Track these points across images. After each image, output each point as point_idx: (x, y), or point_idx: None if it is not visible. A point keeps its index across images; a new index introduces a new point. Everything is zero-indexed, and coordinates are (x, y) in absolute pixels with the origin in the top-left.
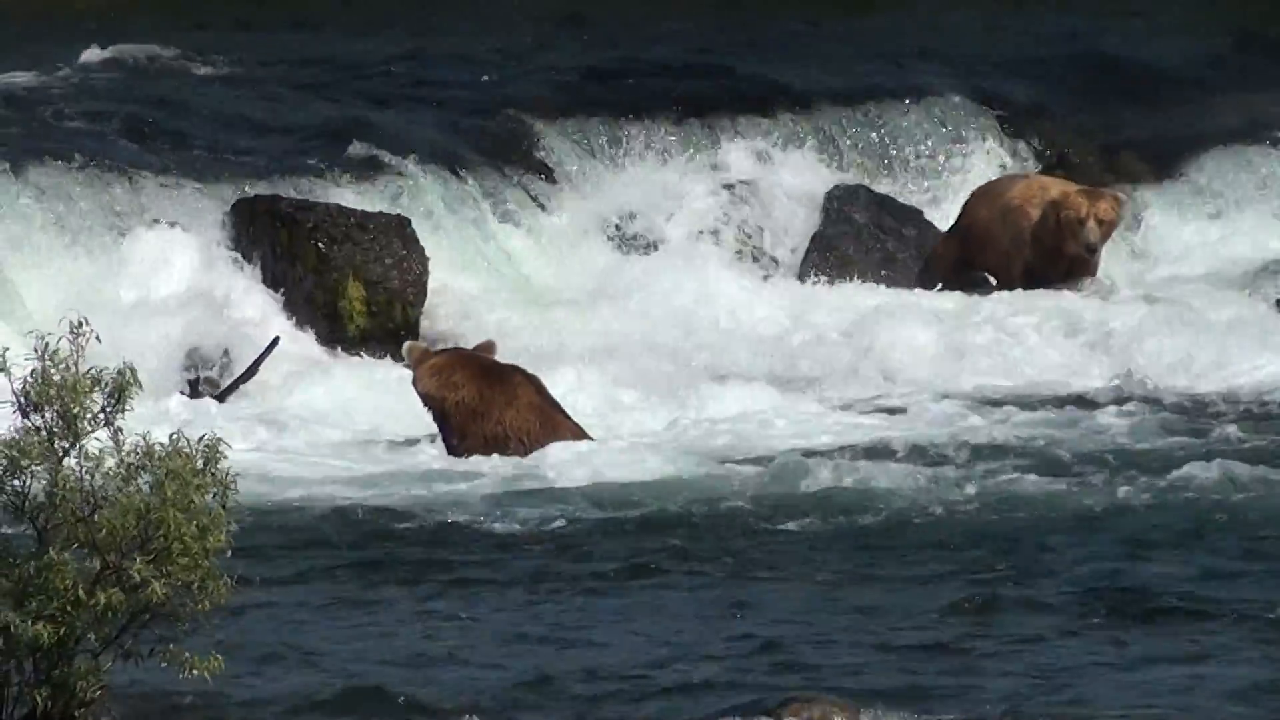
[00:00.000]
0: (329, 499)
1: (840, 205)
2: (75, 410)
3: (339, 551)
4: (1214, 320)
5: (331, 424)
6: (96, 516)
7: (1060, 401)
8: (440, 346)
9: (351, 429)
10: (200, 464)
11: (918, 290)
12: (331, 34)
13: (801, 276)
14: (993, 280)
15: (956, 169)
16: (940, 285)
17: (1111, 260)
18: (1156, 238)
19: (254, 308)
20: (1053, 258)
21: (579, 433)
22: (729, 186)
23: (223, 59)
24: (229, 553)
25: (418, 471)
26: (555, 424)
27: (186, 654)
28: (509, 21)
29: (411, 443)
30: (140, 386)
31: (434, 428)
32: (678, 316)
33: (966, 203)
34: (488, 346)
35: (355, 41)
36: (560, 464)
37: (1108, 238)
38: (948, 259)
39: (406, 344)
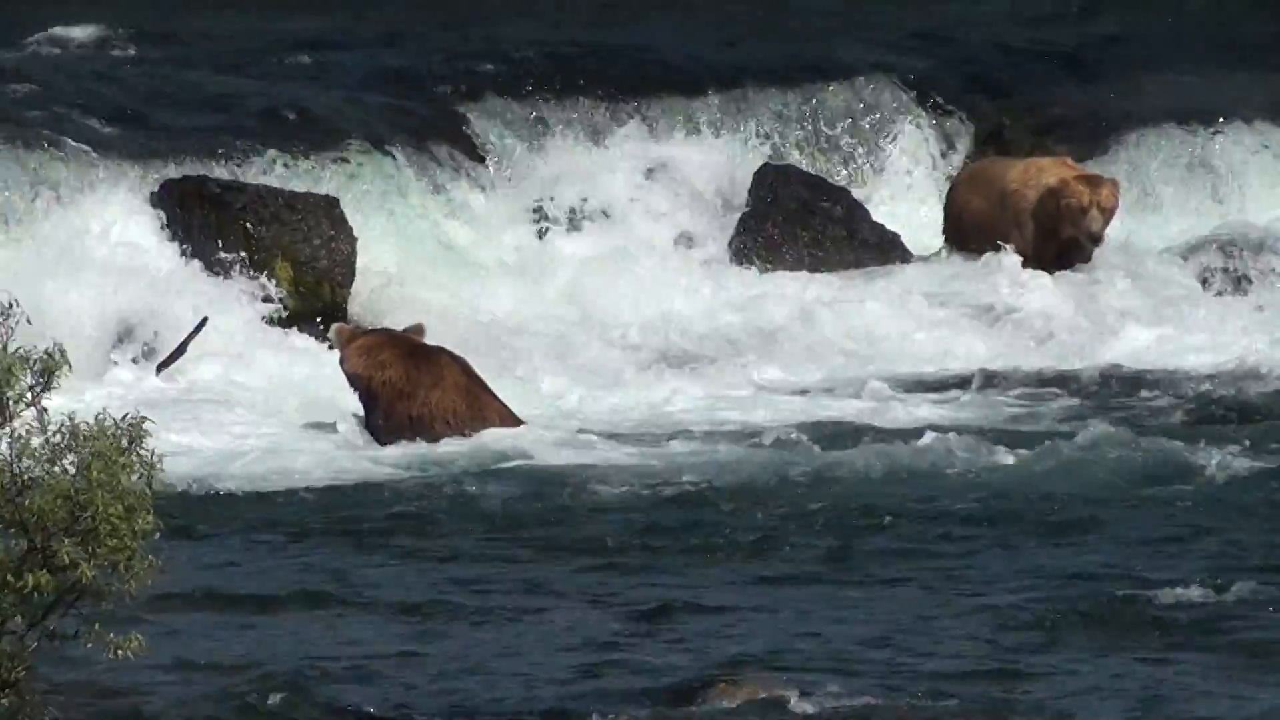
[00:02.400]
0: (255, 479)
1: (769, 186)
2: (4, 391)
3: (264, 532)
4: (1145, 298)
5: (259, 403)
6: (25, 498)
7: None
8: (368, 327)
9: (279, 408)
10: (125, 444)
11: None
12: (261, 14)
13: (730, 257)
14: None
15: (886, 148)
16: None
17: None
18: None
19: (182, 288)
20: (1048, 243)
21: (506, 414)
22: (656, 167)
23: (152, 38)
24: (157, 534)
25: (344, 452)
26: (482, 405)
27: (111, 635)
28: (438, 1)
29: (336, 422)
30: (70, 367)
31: (358, 407)
32: (605, 297)
33: (953, 191)
34: (417, 328)
35: (284, 21)
36: (489, 447)
37: (1108, 225)
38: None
39: (334, 325)
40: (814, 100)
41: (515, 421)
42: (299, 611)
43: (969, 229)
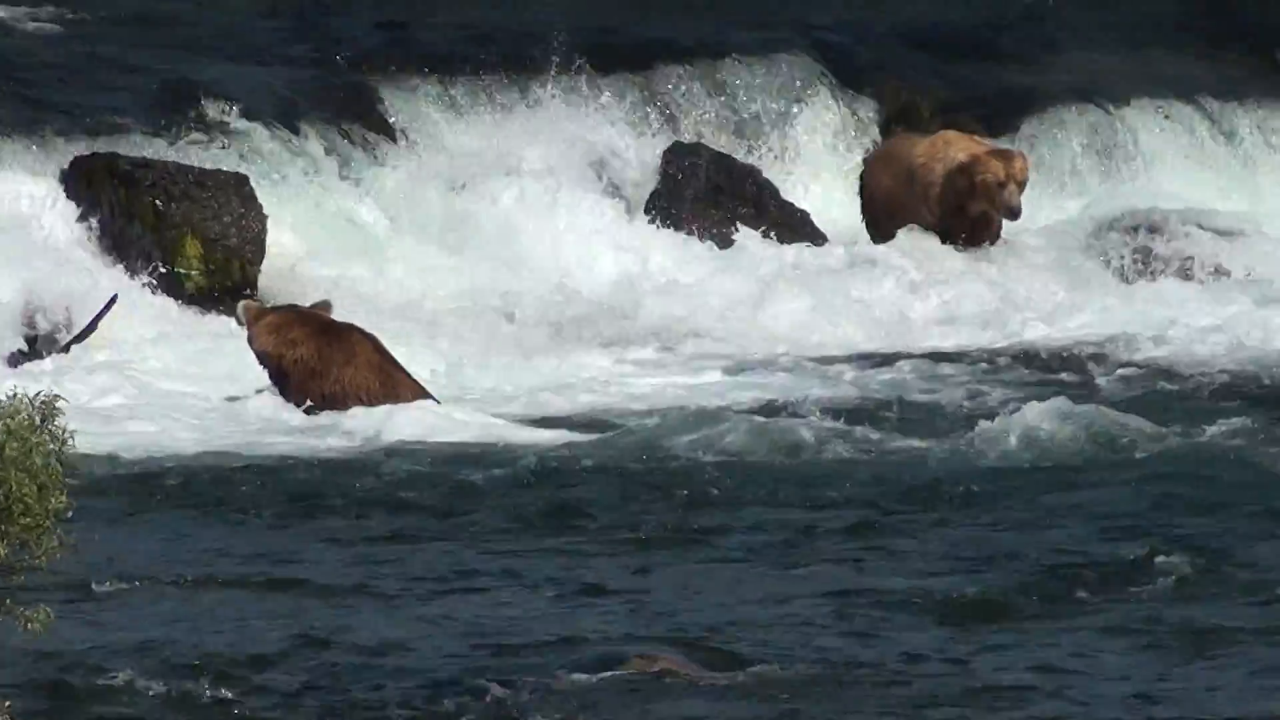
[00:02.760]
0: (166, 455)
1: (678, 164)
2: None
3: (178, 508)
4: (1047, 276)
5: (169, 380)
6: None
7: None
8: (276, 304)
9: (189, 385)
10: (38, 420)
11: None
12: None
13: (639, 235)
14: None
15: (796, 127)
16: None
17: None
18: None
19: (92, 265)
20: (957, 219)
21: (419, 390)
22: (567, 144)
23: (60, 14)
24: (70, 513)
25: (255, 428)
26: (395, 382)
27: (21, 608)
28: None
29: (246, 399)
30: None
31: (267, 383)
32: (517, 275)
33: (865, 169)
34: (324, 305)
35: None
36: (402, 424)
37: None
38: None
39: (241, 303)
40: (724, 78)
41: (428, 398)
42: (212, 592)
43: (879, 207)
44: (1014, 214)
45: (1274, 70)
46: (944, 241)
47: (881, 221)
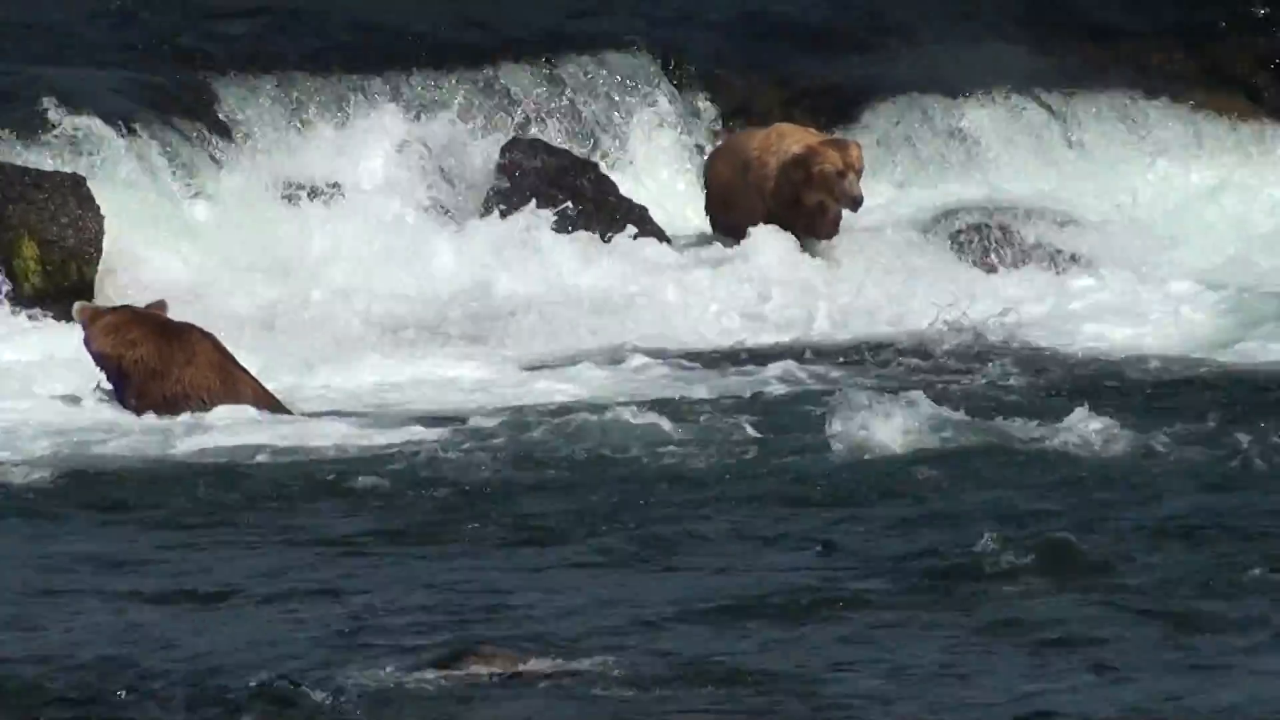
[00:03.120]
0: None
1: (516, 160)
2: None
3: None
4: (887, 269)
5: (4, 382)
6: None
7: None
8: (112, 304)
9: (26, 387)
10: None
11: (600, 243)
12: None
13: (480, 231)
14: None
15: (634, 121)
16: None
17: None
18: None
19: None
20: (792, 211)
21: (259, 390)
22: (405, 142)
23: None
24: None
25: (94, 429)
26: (236, 381)
27: None
28: None
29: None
30: None
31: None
32: (354, 274)
33: (707, 163)
34: (160, 305)
35: None
36: (242, 428)
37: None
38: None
39: (76, 304)
40: (561, 73)
41: (269, 398)
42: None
43: (716, 200)
44: (855, 203)
45: (1113, 62)
46: (784, 231)
47: (719, 214)
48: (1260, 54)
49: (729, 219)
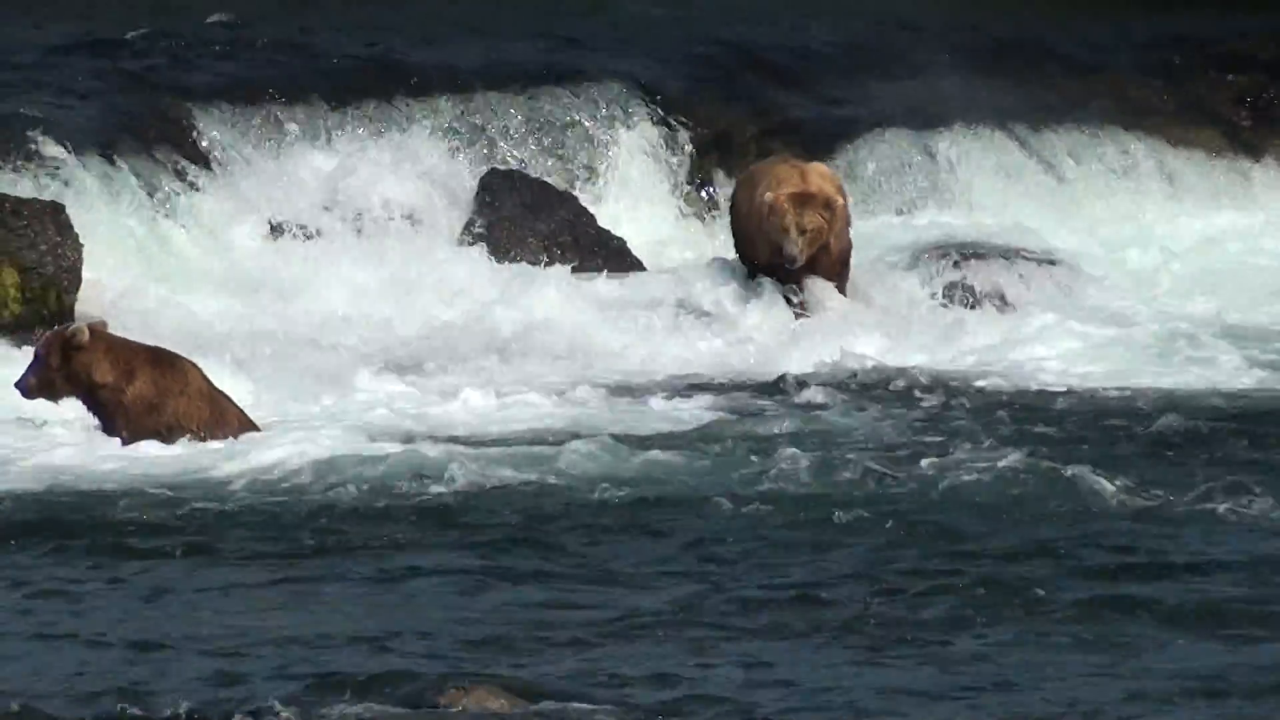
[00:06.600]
0: None
1: (495, 190)
2: None
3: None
4: (870, 303)
5: None
6: None
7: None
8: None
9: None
10: None
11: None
12: None
13: (456, 262)
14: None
15: (613, 153)
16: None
17: None
18: None
19: None
20: (774, 255)
21: (245, 420)
22: (384, 170)
23: None
24: None
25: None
26: (223, 410)
27: None
28: (165, 5)
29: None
30: None
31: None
32: (331, 302)
33: (733, 194)
34: (100, 323)
35: (7, 25)
36: (225, 453)
37: (816, 245)
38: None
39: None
40: (540, 103)
41: (253, 427)
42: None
43: (735, 235)
44: (790, 262)
45: (1089, 96)
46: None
47: (744, 247)
48: (1240, 90)
49: (753, 253)
